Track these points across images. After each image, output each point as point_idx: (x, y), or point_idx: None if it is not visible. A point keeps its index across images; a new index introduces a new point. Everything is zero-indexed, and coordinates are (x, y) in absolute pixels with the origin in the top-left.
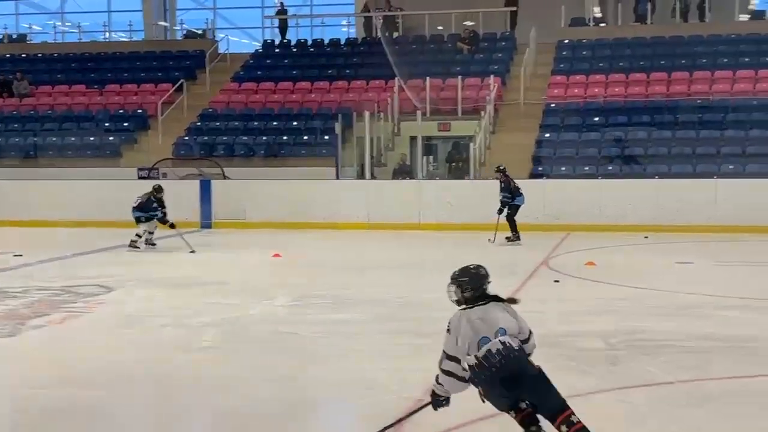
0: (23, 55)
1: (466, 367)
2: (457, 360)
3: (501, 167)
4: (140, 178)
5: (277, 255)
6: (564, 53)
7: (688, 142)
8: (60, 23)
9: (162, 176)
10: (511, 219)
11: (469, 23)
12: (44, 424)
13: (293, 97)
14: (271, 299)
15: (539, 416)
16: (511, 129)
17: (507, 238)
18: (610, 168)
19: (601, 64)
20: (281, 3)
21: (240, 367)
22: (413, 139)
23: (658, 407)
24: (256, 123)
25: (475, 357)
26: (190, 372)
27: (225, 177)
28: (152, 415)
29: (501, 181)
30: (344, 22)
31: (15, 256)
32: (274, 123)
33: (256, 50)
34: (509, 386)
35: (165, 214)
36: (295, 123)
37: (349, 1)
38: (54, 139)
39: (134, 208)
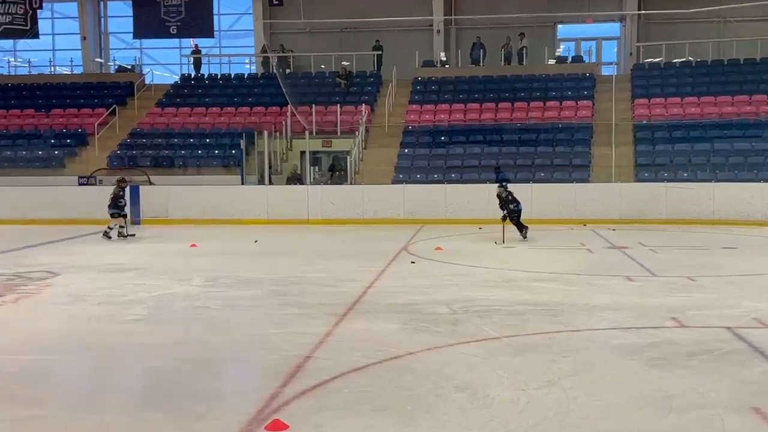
0: None
1: None
2: None
3: (503, 184)
4: (80, 184)
5: (193, 245)
6: (418, 87)
7: (510, 156)
8: (13, 59)
9: (99, 183)
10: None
11: (345, 63)
12: (6, 384)
13: (206, 120)
14: (188, 280)
15: None
16: (379, 145)
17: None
18: (453, 176)
19: (446, 96)
20: (196, 44)
21: (161, 335)
22: (303, 153)
23: (489, 356)
24: (175, 140)
25: None
26: (123, 339)
27: (150, 183)
28: (93, 372)
29: (502, 196)
30: (247, 61)
31: None
32: (191, 140)
33: (176, 82)
34: None
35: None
36: (207, 140)
37: (250, 43)
38: (8, 152)
39: (109, 205)
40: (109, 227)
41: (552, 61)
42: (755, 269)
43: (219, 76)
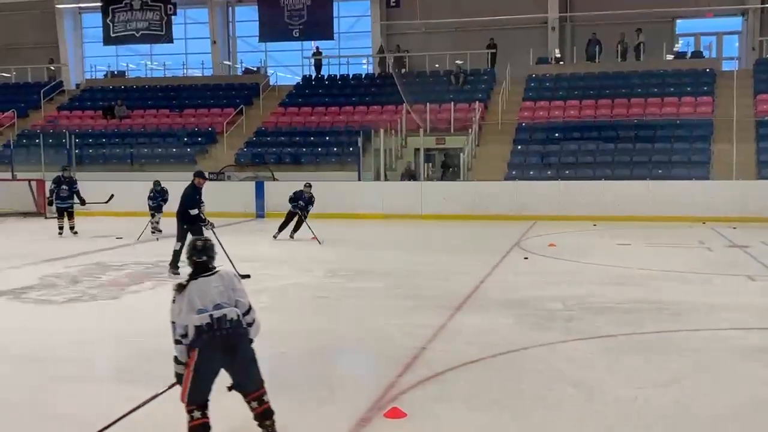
0: (122, 87)
1: (185, 333)
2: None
3: None
4: (210, 180)
5: (314, 238)
6: (532, 84)
7: (627, 152)
8: (149, 62)
9: (227, 178)
10: None
11: (459, 62)
12: (140, 364)
13: (326, 118)
14: (310, 271)
15: None
16: (492, 142)
17: None
18: (567, 172)
19: (560, 93)
20: (317, 47)
21: (285, 323)
22: (417, 150)
23: (604, 354)
24: (297, 138)
25: (210, 317)
26: None
27: (274, 179)
28: None
29: None
30: (364, 61)
31: (116, 238)
32: (312, 138)
33: (298, 83)
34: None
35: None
36: (327, 138)
37: (367, 44)
38: (145, 150)
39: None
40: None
41: (670, 57)
42: None
43: (338, 77)
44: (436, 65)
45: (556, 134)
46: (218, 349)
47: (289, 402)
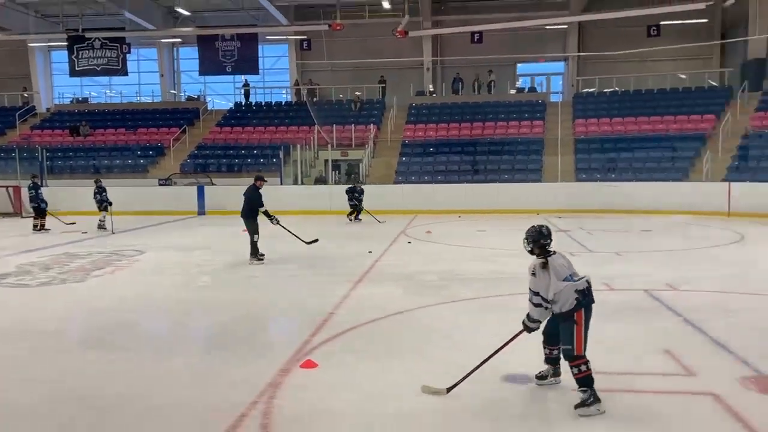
0: (86, 111)
1: (551, 297)
2: (540, 296)
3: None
4: (160, 185)
5: (245, 230)
6: (413, 111)
7: (482, 162)
8: (109, 91)
9: (174, 183)
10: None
11: (358, 93)
12: (103, 335)
13: (254, 136)
14: (242, 256)
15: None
16: (383, 155)
17: None
18: (439, 177)
19: (434, 118)
20: (245, 80)
21: (223, 297)
22: (326, 161)
23: (467, 313)
24: (231, 151)
25: (587, 282)
26: (193, 301)
27: (212, 184)
28: (170, 325)
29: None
30: (284, 92)
31: (82, 233)
32: (242, 151)
33: (231, 108)
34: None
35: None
36: (254, 151)
37: (286, 78)
38: (106, 162)
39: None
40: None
41: (513, 91)
42: (665, 247)
43: (263, 104)
44: (340, 95)
45: (431, 149)
46: (591, 307)
47: (226, 358)
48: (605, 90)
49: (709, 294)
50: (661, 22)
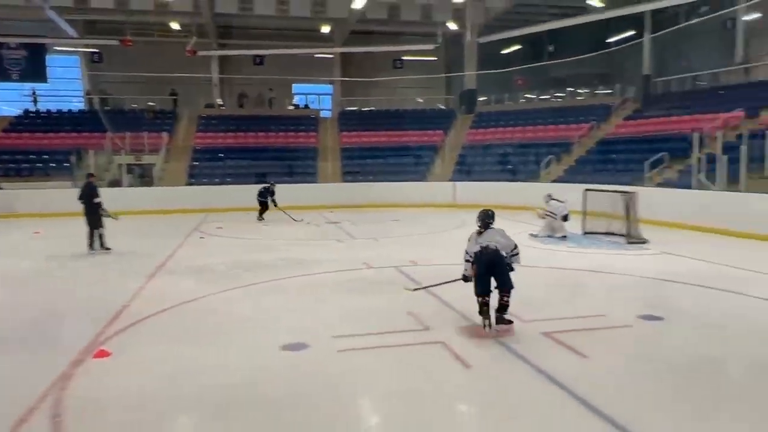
0: None
1: (471, 256)
2: (469, 255)
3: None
4: None
5: (37, 232)
6: (203, 121)
7: (266, 166)
8: None
9: None
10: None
11: (151, 103)
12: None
13: (44, 142)
14: (35, 257)
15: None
16: (176, 160)
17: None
18: (228, 179)
19: (222, 127)
20: (33, 89)
21: (19, 296)
22: (120, 165)
23: (250, 296)
24: (19, 156)
25: (479, 247)
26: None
27: (1, 188)
28: None
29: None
30: (75, 100)
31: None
32: (32, 156)
33: (19, 114)
34: (487, 269)
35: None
36: (46, 156)
37: (78, 88)
38: None
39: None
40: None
41: (291, 107)
42: (410, 232)
43: (54, 111)
44: (134, 105)
45: (221, 154)
46: (483, 264)
47: (24, 354)
48: (364, 109)
49: (440, 267)
50: (403, 57)
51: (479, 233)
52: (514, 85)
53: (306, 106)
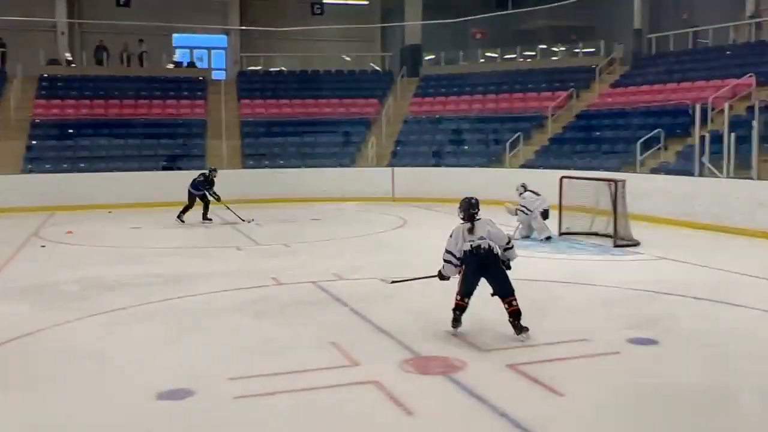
0: None
1: (459, 255)
2: (451, 254)
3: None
4: None
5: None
6: (44, 84)
7: (135, 147)
8: None
9: None
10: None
11: None
12: None
13: None
14: None
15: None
16: (6, 138)
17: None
18: (82, 165)
19: (72, 93)
20: None
21: None
22: None
23: (116, 325)
24: None
25: (470, 246)
26: None
27: None
28: None
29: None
30: None
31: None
32: None
33: None
34: (480, 271)
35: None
36: None
37: None
38: None
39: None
40: None
41: (170, 65)
42: (333, 235)
43: None
44: None
45: (70, 130)
46: (474, 264)
47: None
48: (271, 69)
49: (373, 281)
50: (324, 1)
51: (469, 229)
52: (470, 40)
53: (191, 64)
